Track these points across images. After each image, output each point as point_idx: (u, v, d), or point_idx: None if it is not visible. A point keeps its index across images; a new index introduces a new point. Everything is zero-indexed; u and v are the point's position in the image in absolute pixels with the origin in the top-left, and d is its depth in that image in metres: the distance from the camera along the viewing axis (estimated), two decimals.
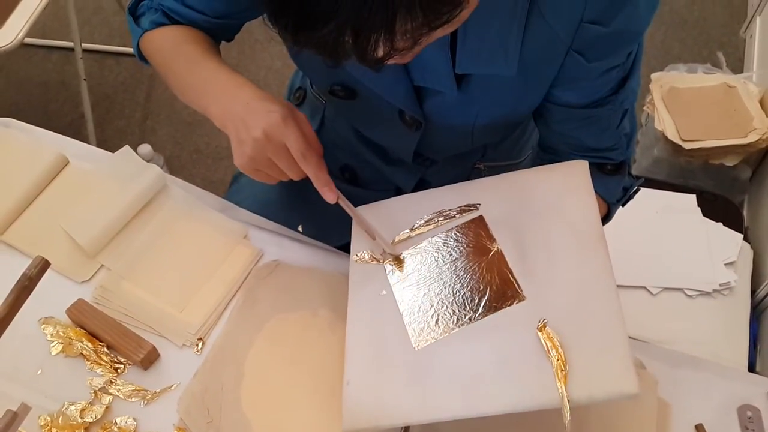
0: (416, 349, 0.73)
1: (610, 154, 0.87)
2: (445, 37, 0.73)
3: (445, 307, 0.75)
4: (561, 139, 0.88)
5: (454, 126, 0.87)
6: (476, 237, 0.78)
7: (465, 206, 0.81)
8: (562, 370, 0.65)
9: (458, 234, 0.79)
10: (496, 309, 0.73)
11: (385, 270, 0.80)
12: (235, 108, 0.77)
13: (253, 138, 0.75)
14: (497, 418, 0.70)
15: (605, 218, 0.93)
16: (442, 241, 0.80)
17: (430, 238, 0.80)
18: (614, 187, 0.90)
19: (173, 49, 0.86)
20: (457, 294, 0.75)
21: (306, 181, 0.86)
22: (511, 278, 0.74)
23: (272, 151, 0.75)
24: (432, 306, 0.75)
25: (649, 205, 1.61)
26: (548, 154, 0.92)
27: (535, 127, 0.97)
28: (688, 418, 0.81)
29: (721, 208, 1.64)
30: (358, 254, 0.82)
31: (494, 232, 0.78)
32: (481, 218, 0.79)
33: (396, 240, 0.82)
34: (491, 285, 0.74)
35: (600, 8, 0.70)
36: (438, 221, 0.81)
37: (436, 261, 0.78)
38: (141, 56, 0.92)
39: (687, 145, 1.75)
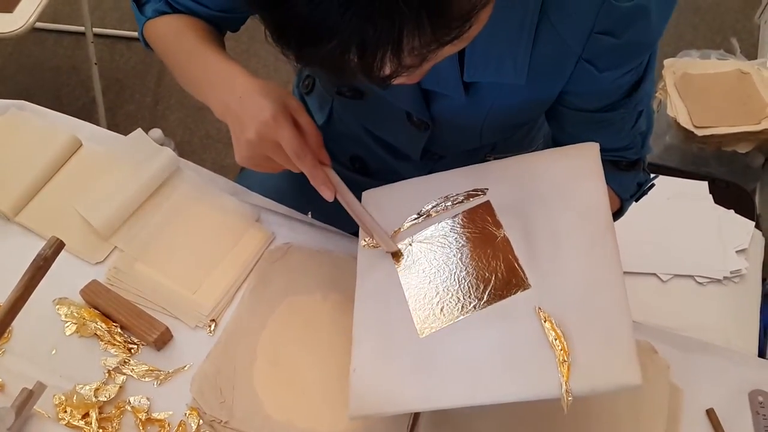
0: (421, 336, 0.73)
1: (625, 153, 0.86)
2: None
3: (450, 295, 0.74)
4: (574, 139, 0.87)
5: (462, 127, 0.86)
6: (483, 223, 0.78)
7: (473, 191, 0.80)
8: (564, 361, 0.65)
9: (465, 220, 0.79)
10: (501, 297, 0.72)
11: (392, 256, 0.80)
12: (230, 103, 0.76)
13: (247, 140, 0.74)
14: (507, 408, 0.70)
15: (618, 213, 0.93)
16: (449, 227, 0.79)
17: (436, 224, 0.80)
18: (628, 183, 0.89)
19: (174, 38, 0.86)
20: (463, 282, 0.75)
21: None
22: (517, 266, 0.73)
23: (267, 149, 0.74)
24: (437, 293, 0.75)
25: (660, 191, 1.59)
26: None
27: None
28: (699, 403, 0.81)
29: (733, 195, 1.62)
30: (366, 239, 0.82)
31: (501, 217, 0.77)
32: (488, 203, 0.79)
33: (402, 228, 0.81)
34: (497, 273, 0.74)
35: (612, 19, 0.68)
36: (445, 206, 0.80)
37: (443, 248, 0.78)
38: (146, 44, 0.92)
39: (699, 132, 1.73)
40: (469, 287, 0.74)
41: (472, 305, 0.73)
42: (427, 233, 0.80)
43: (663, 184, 1.62)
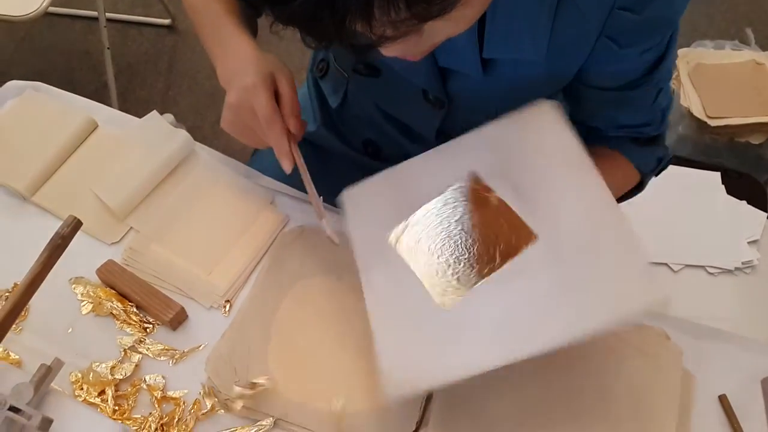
0: (444, 311, 0.73)
1: (645, 129, 0.86)
2: None
3: (462, 264, 0.75)
4: (593, 117, 0.87)
5: (477, 106, 0.86)
6: (473, 192, 0.78)
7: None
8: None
9: (454, 193, 0.79)
10: (513, 254, 0.73)
11: (391, 243, 0.80)
12: (228, 71, 0.79)
13: (229, 103, 0.77)
14: (521, 389, 0.72)
15: (638, 188, 0.92)
16: (441, 203, 0.79)
17: (426, 204, 0.80)
18: (648, 158, 0.89)
19: (203, 6, 0.88)
20: (472, 249, 0.75)
21: (327, 153, 0.87)
22: (520, 221, 0.74)
23: (245, 115, 0.77)
24: (449, 266, 0.75)
25: (672, 182, 1.60)
26: (581, 125, 0.91)
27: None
28: (711, 390, 0.81)
29: (745, 186, 1.62)
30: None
31: (488, 182, 0.77)
32: (472, 173, 0.79)
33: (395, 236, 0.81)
34: (502, 232, 0.74)
35: None
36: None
37: (441, 223, 0.78)
38: None
39: (713, 123, 1.73)
40: (479, 253, 0.74)
41: (487, 269, 0.73)
42: (419, 215, 0.80)
43: (675, 174, 1.62)
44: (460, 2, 0.53)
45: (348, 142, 1.09)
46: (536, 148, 0.76)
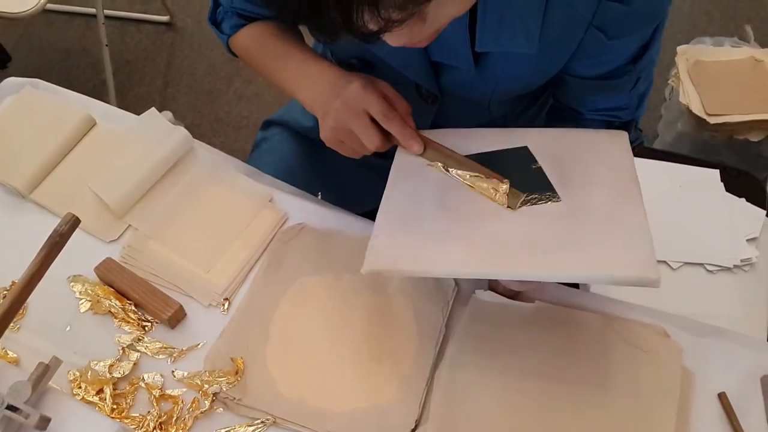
0: (450, 214, 0.75)
1: (620, 113, 0.87)
2: (464, 15, 0.73)
3: (486, 188, 0.77)
4: (574, 101, 0.88)
5: (470, 100, 0.86)
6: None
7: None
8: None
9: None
10: (534, 203, 0.75)
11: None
12: (320, 89, 0.81)
13: (334, 108, 0.78)
14: (519, 382, 0.71)
15: None
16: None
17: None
18: None
19: (257, 48, 0.90)
20: (499, 185, 0.76)
21: (326, 150, 0.87)
22: (550, 182, 0.77)
23: (351, 118, 0.77)
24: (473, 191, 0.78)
25: (671, 179, 1.60)
26: (558, 103, 0.93)
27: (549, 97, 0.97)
28: (711, 387, 0.81)
29: (744, 183, 1.62)
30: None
31: (538, 159, 0.80)
32: (524, 148, 0.81)
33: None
34: (533, 180, 0.77)
35: None
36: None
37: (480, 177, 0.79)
38: (234, 54, 0.96)
39: (712, 120, 1.72)
40: (506, 189, 0.76)
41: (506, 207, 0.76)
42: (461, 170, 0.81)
43: (674, 171, 1.62)
44: None
45: None
46: (592, 151, 0.79)
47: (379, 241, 0.74)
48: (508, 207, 0.75)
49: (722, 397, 0.81)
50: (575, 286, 0.91)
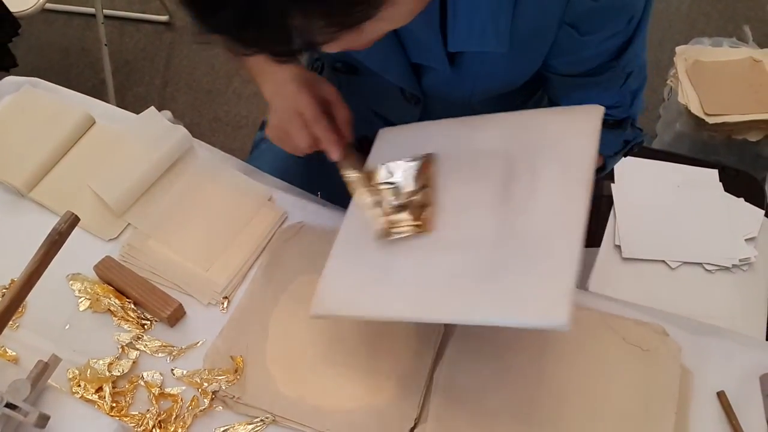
0: (388, 256, 0.75)
1: (612, 111, 0.86)
2: (434, 15, 0.73)
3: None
4: (562, 99, 0.88)
5: (452, 100, 0.87)
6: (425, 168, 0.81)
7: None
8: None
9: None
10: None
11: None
12: (273, 88, 0.84)
13: (274, 109, 0.83)
14: (519, 385, 0.72)
15: (601, 169, 0.93)
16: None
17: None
18: (612, 141, 0.89)
19: None
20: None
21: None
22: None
23: (287, 119, 0.81)
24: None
25: (670, 179, 1.60)
26: (551, 102, 0.92)
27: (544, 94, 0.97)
28: (710, 386, 0.81)
29: (743, 183, 1.62)
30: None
31: (487, 159, 0.78)
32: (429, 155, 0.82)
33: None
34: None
35: None
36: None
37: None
38: None
39: (710, 120, 1.73)
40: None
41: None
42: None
43: (673, 171, 1.62)
44: (384, 6, 0.54)
45: None
46: (551, 144, 0.76)
47: (324, 286, 0.77)
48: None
49: (721, 395, 0.81)
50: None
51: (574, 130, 0.76)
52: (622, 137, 0.90)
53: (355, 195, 0.83)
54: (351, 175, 0.83)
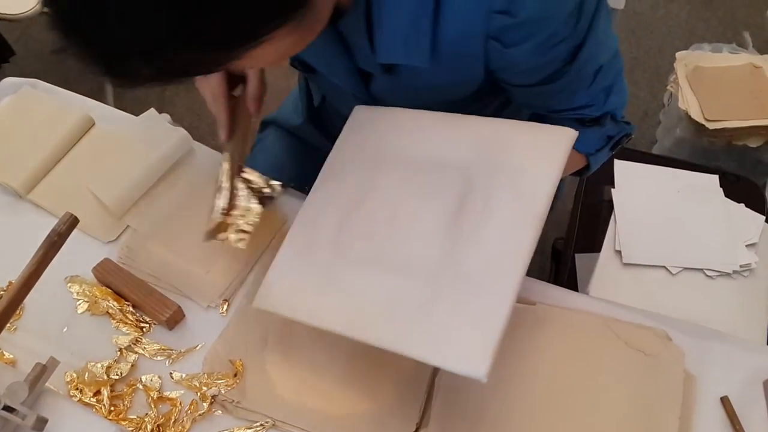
0: (339, 265, 0.76)
1: (585, 111, 0.84)
2: (363, 24, 0.72)
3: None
4: (530, 106, 0.87)
5: (402, 106, 0.85)
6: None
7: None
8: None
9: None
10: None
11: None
12: None
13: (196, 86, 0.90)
14: (520, 393, 0.70)
15: (586, 169, 0.91)
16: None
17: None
18: (591, 138, 0.87)
19: None
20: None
21: (314, 147, 0.89)
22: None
23: (206, 95, 0.90)
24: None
25: (670, 184, 1.60)
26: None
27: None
28: (713, 391, 0.81)
29: (743, 189, 1.62)
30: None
31: (447, 175, 0.77)
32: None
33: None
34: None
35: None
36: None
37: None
38: None
39: (710, 125, 1.73)
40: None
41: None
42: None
43: (673, 177, 1.62)
44: (256, 47, 0.55)
45: (330, 136, 1.10)
46: (514, 166, 0.75)
47: (271, 279, 0.78)
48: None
49: (725, 401, 0.80)
50: (575, 288, 0.91)
51: (540, 154, 0.75)
52: (603, 133, 0.88)
53: (218, 180, 0.86)
54: (224, 163, 0.86)
